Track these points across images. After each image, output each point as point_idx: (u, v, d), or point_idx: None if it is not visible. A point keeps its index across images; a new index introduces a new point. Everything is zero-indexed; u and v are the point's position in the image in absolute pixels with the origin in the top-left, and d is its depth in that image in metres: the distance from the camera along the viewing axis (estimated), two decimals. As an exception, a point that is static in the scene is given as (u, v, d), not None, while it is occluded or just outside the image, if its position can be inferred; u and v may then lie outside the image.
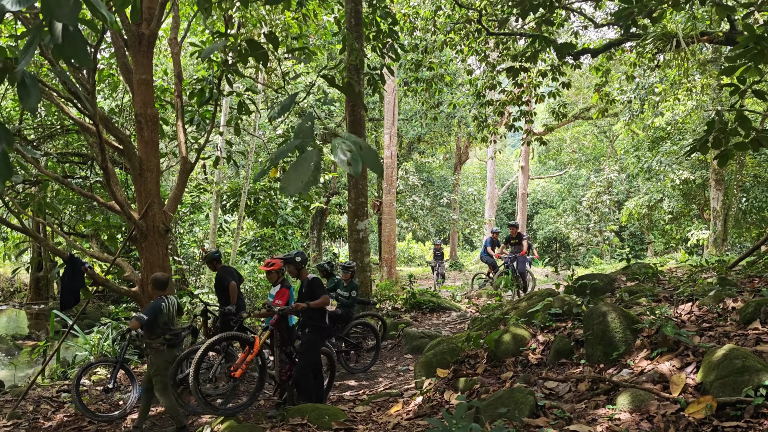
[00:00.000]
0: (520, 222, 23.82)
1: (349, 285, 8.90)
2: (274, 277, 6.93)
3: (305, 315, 6.48)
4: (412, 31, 13.41)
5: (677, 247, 27.44)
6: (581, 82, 26.16)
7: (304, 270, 6.69)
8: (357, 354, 9.22)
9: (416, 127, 23.99)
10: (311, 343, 6.46)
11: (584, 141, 35.87)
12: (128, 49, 7.57)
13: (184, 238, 14.75)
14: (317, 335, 6.53)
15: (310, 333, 6.49)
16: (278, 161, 2.62)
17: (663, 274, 9.10)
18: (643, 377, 4.55)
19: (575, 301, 6.55)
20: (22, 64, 2.66)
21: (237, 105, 9.34)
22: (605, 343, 5.17)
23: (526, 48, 11.13)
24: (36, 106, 2.73)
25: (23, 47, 2.72)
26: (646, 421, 3.97)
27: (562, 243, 38.69)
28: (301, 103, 18.62)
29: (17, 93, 2.75)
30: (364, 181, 11.86)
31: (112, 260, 7.84)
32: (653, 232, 29.14)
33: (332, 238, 28.58)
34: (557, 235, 38.49)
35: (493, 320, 7.61)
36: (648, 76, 15.95)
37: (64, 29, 2.60)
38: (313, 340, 6.47)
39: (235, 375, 6.36)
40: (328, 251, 28.71)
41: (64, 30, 2.60)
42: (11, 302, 19.78)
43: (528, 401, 4.36)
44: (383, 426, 5.46)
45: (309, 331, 6.49)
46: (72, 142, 11.84)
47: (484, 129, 13.79)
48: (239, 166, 15.53)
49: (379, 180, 23.70)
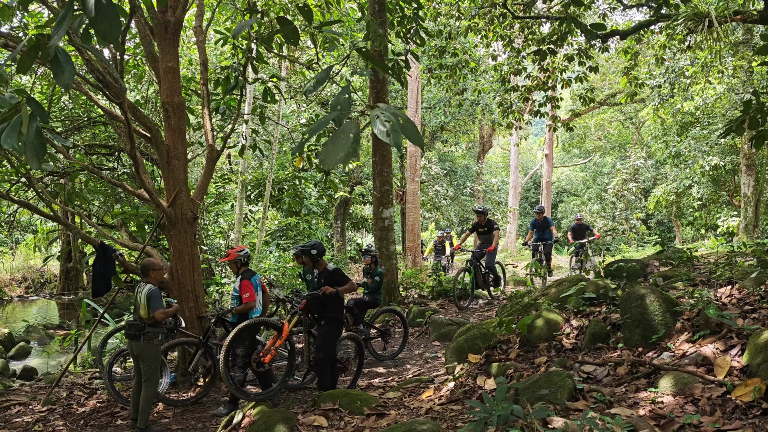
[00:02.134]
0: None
1: (373, 271, 8.85)
2: (233, 268, 6.82)
3: (322, 306, 6.43)
4: (436, 16, 13.23)
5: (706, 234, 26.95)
6: (607, 68, 25.68)
7: (322, 261, 6.60)
8: (385, 341, 9.18)
9: (439, 115, 23.81)
10: (328, 336, 6.40)
11: (609, 128, 35.32)
12: (154, 36, 7.55)
13: (210, 229, 14.83)
14: (334, 327, 6.46)
15: (326, 325, 6.42)
16: (316, 134, 2.56)
17: (697, 260, 8.90)
18: (686, 360, 4.42)
19: (610, 286, 6.41)
20: (55, 39, 2.63)
21: (262, 93, 9.32)
22: (644, 327, 5.04)
23: (554, 31, 10.94)
24: (70, 83, 2.70)
25: (56, 23, 2.68)
26: (691, 404, 3.85)
27: (587, 231, 38.18)
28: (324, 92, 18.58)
29: (51, 69, 2.71)
30: (389, 169, 11.77)
31: (142, 248, 7.88)
32: (681, 219, 28.65)
33: (356, 228, 28.57)
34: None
35: (523, 306, 7.50)
36: (678, 59, 15.58)
37: (96, 2, 2.55)
38: (330, 333, 6.42)
39: (265, 360, 6.39)
40: (352, 241, 28.74)
41: (96, 3, 2.56)
42: (42, 293, 20.14)
43: (566, 384, 4.26)
44: (415, 411, 5.40)
45: (325, 323, 6.43)
46: (99, 134, 11.93)
47: (509, 115, 13.61)
48: (264, 156, 15.53)
49: (402, 169, 23.61)
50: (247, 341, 6.39)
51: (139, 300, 6.02)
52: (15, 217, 13.17)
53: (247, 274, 6.72)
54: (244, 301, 6.60)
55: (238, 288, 6.68)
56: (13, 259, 22.71)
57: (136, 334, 5.96)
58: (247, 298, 6.58)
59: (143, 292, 6.02)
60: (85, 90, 7.29)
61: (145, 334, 5.98)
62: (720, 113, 20.19)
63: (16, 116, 2.71)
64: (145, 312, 5.99)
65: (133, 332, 5.97)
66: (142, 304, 5.99)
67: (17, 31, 9.38)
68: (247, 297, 6.58)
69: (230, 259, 6.79)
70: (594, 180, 39.37)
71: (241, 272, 6.74)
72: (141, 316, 6.01)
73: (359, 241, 32.38)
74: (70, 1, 2.63)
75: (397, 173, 23.21)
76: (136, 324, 6.00)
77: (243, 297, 6.59)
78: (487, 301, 12.17)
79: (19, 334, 12.79)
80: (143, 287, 6.07)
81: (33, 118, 2.69)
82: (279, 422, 5.08)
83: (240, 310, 6.62)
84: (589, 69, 11.67)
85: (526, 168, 43.66)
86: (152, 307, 5.99)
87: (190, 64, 13.29)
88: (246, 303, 6.58)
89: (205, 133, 8.30)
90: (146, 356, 6.01)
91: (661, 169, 30.88)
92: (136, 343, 5.99)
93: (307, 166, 11.35)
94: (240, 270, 6.76)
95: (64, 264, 19.21)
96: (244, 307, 6.59)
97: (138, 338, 5.97)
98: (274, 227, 17.52)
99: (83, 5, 2.55)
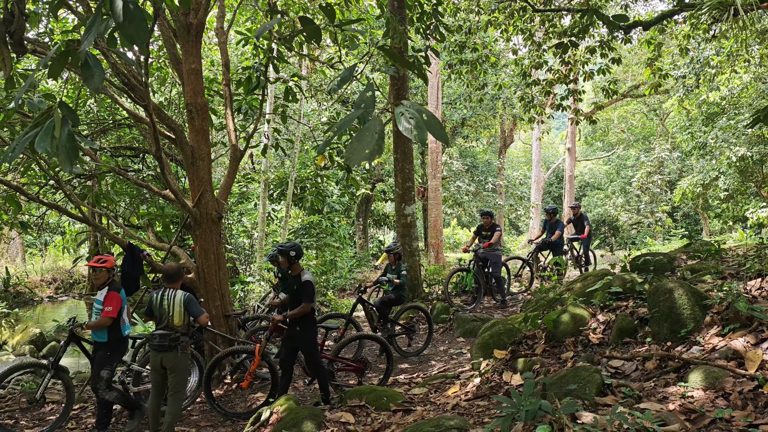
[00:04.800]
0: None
1: (396, 268, 8.81)
2: (104, 276, 6.10)
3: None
4: (455, 12, 13.19)
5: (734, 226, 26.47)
6: (629, 59, 25.33)
7: (298, 264, 6.35)
8: (410, 338, 9.20)
9: (460, 110, 23.71)
10: (308, 340, 6.34)
11: (633, 120, 34.84)
12: (177, 39, 7.65)
13: (233, 228, 14.95)
14: (309, 329, 6.35)
15: (302, 332, 6.30)
16: (341, 131, 2.58)
17: (725, 252, 8.76)
18: (716, 354, 4.36)
19: (636, 280, 6.34)
20: (85, 44, 2.68)
21: (284, 92, 9.37)
22: (672, 321, 4.99)
23: (575, 23, 10.83)
24: (99, 86, 2.75)
25: (85, 28, 2.74)
26: (722, 398, 3.80)
27: (611, 225, 37.79)
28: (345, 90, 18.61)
29: (81, 73, 2.77)
30: (411, 166, 11.77)
31: (168, 248, 7.99)
32: (708, 212, 28.17)
33: (377, 225, 28.60)
34: (606, 218, 37.62)
35: (548, 301, 7.46)
36: (703, 48, 15.32)
37: (124, 7, 2.60)
38: (307, 336, 6.33)
39: (243, 385, 6.59)
40: (374, 238, 28.77)
41: (124, 8, 2.61)
42: (71, 293, 20.52)
43: (594, 379, 4.23)
44: (442, 407, 5.41)
45: (300, 329, 6.29)
46: (124, 136, 12.11)
47: (530, 109, 13.51)
48: (286, 155, 15.62)
49: (423, 166, 23.58)
50: (114, 363, 6.04)
51: (172, 308, 5.65)
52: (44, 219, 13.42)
53: (115, 285, 6.12)
54: (103, 314, 5.92)
55: (102, 299, 6.01)
56: (43, 260, 23.18)
57: (171, 345, 5.62)
58: (108, 311, 5.90)
59: (177, 300, 5.68)
60: (111, 93, 7.41)
61: (181, 344, 5.69)
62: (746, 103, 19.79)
63: (49, 120, 2.77)
64: (181, 320, 5.68)
65: (167, 343, 5.59)
66: (176, 312, 5.65)
67: (43, 36, 9.56)
68: (109, 311, 5.91)
69: (107, 266, 6.06)
70: (618, 173, 38.87)
71: (109, 282, 6.11)
72: (175, 325, 5.67)
73: (381, 238, 32.40)
74: (99, 7, 2.68)
75: (419, 170, 23.19)
76: (168, 335, 5.63)
77: (104, 309, 5.93)
78: (512, 296, 12.07)
79: (50, 334, 13.07)
80: (173, 294, 5.72)
81: (65, 121, 2.75)
82: (306, 419, 5.13)
83: (93, 326, 5.94)
84: (612, 61, 11.54)
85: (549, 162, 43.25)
86: (195, 312, 5.73)
87: (212, 65, 13.42)
88: (101, 319, 5.91)
89: (228, 133, 8.39)
90: (180, 368, 5.72)
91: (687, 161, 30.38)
92: (171, 354, 5.64)
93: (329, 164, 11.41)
94: (109, 280, 6.12)
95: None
96: (99, 323, 5.91)
97: (173, 349, 5.64)
98: (297, 225, 17.62)
99: (112, 10, 2.60)
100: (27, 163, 8.57)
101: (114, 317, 5.95)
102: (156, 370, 5.74)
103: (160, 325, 5.68)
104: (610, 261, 13.76)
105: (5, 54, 3.41)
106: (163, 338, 5.61)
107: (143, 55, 4.13)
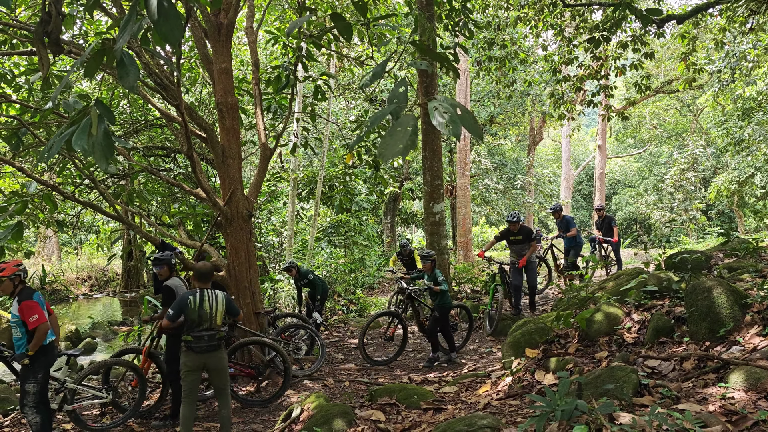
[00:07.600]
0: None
1: (432, 275, 8.32)
2: (8, 286, 5.43)
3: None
4: (484, 8, 13.08)
5: (772, 224, 25.82)
6: (662, 54, 24.81)
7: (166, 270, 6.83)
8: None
9: (489, 107, 23.53)
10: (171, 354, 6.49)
11: (666, 116, 34.16)
12: (208, 39, 7.72)
13: (263, 227, 15.07)
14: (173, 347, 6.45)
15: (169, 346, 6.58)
16: (373, 127, 2.56)
17: (764, 250, 8.53)
18: (757, 354, 4.24)
19: (673, 278, 6.20)
20: (120, 43, 2.71)
21: (312, 91, 9.41)
22: (711, 320, 4.86)
23: (607, 17, 10.65)
24: (135, 84, 2.78)
25: (120, 27, 2.77)
26: (765, 399, 3.69)
27: (643, 223, 37.17)
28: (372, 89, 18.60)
29: (117, 72, 2.80)
30: (439, 163, 11.70)
31: (200, 246, 8.07)
32: (744, 209, 27.50)
33: (405, 223, 28.55)
34: (638, 216, 37.01)
35: (580, 300, 7.35)
36: (739, 42, 14.94)
37: (159, 5, 2.62)
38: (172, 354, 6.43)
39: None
40: (402, 236, 28.74)
41: (159, 6, 2.62)
42: (105, 291, 20.92)
43: (631, 379, 4.14)
44: (473, 406, 5.37)
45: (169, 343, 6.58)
46: (156, 136, 12.28)
47: (560, 106, 13.33)
48: (315, 153, 15.69)
49: (451, 164, 23.46)
50: (39, 374, 5.45)
51: (215, 308, 5.54)
52: (79, 218, 13.69)
53: (26, 292, 5.46)
54: (31, 326, 5.31)
55: (17, 312, 5.36)
56: (78, 258, 23.69)
57: (218, 345, 5.57)
58: (35, 321, 5.31)
59: (220, 300, 5.60)
60: (144, 93, 7.51)
61: (224, 343, 5.70)
62: (785, 97, 19.28)
63: (86, 119, 2.81)
64: (221, 319, 5.62)
65: (214, 344, 5.52)
66: (220, 312, 5.57)
67: (78, 38, 9.75)
68: (35, 320, 5.31)
69: (6, 275, 5.39)
70: (650, 170, 38.22)
71: (18, 291, 5.45)
72: (217, 325, 5.57)
73: (409, 236, 32.35)
74: (134, 6, 2.70)
75: (447, 168, 23.08)
76: (215, 334, 5.53)
77: (29, 321, 5.30)
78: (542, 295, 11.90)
79: (85, 331, 13.32)
80: (213, 294, 5.61)
81: (101, 119, 2.78)
82: (337, 416, 5.13)
83: (35, 344, 5.34)
84: (644, 56, 11.30)
85: (579, 160, 42.71)
86: (235, 311, 5.78)
87: (242, 64, 13.53)
88: (38, 327, 5.32)
89: (257, 132, 8.44)
90: (224, 366, 5.66)
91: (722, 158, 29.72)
92: (216, 354, 5.57)
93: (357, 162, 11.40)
94: (17, 289, 5.47)
95: (125, 263, 19.91)
96: (39, 336, 5.34)
97: (219, 349, 5.59)
98: (326, 224, 17.70)
99: (146, 7, 2.62)
100: (63, 163, 8.75)
101: (46, 321, 5.41)
102: (195, 372, 5.56)
103: (200, 326, 5.50)
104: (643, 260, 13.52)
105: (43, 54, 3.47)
106: (212, 339, 5.52)
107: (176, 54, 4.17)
